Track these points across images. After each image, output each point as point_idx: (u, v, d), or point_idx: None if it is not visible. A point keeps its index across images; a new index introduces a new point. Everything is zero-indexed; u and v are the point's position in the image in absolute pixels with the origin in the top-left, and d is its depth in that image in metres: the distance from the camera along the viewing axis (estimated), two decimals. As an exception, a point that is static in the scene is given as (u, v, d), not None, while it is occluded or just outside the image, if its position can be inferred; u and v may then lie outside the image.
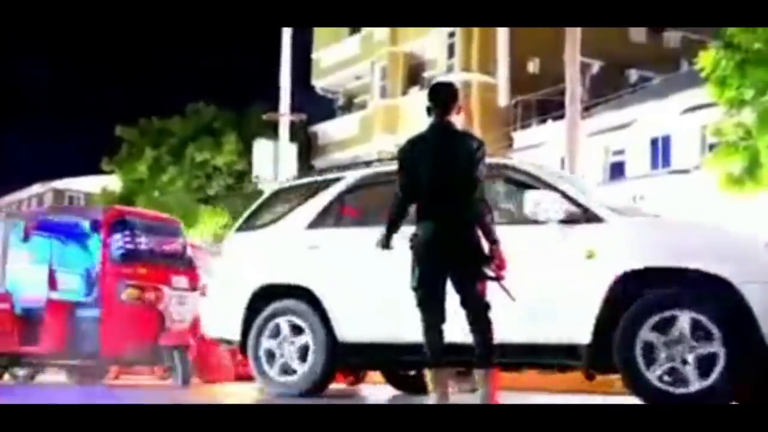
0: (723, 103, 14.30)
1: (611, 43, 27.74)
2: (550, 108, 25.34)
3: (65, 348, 10.44)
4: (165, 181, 30.49)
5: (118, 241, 10.49)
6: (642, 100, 25.46)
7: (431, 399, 5.18)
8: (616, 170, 25.76)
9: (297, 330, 7.16)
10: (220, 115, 31.10)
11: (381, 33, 32.11)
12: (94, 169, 35.40)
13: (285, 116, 21.19)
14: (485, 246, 5.20)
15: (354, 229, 7.14)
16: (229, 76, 63.34)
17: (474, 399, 5.29)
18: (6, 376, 11.96)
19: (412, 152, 5.34)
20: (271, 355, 7.26)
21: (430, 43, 30.34)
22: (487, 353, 5.17)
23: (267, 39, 26.38)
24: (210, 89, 58.55)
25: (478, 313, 5.19)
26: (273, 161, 21.20)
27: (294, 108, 21.61)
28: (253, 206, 8.02)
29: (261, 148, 21.82)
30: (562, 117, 17.04)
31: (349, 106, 36.35)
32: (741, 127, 14.26)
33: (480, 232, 5.19)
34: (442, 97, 5.40)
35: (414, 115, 7.48)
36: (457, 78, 29.31)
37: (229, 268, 7.74)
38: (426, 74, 32.23)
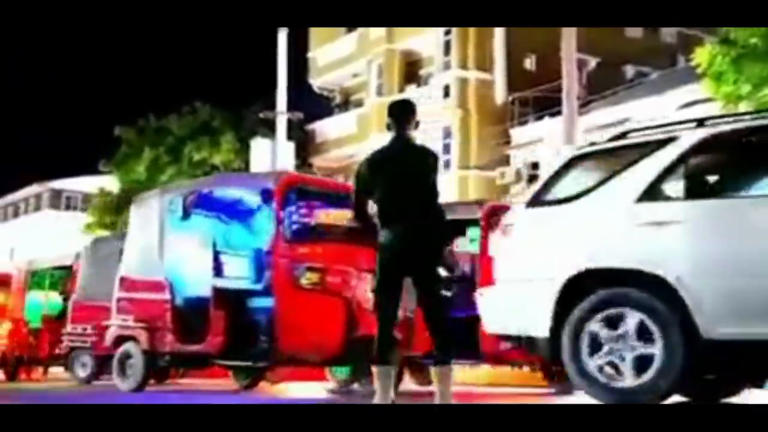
0: (720, 99, 14.30)
1: (607, 40, 27.76)
2: (547, 104, 25.35)
3: (234, 346, 8.77)
4: (163, 181, 30.46)
5: (293, 214, 8.64)
6: (639, 96, 25.47)
7: (376, 396, 5.51)
8: (614, 166, 25.74)
9: (641, 326, 5.62)
10: (217, 114, 31.09)
11: (377, 31, 32.09)
12: (92, 170, 35.40)
13: (282, 114, 21.18)
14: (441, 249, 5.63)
15: (711, 201, 5.74)
16: (225, 75, 63.28)
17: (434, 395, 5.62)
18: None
19: (371, 167, 5.74)
20: (596, 351, 5.74)
21: (426, 41, 30.33)
22: (444, 351, 5.57)
23: (263, 37, 26.34)
24: (206, 88, 58.51)
25: (436, 314, 5.58)
26: (270, 160, 21.20)
27: (291, 106, 21.61)
28: (545, 178, 6.60)
29: (258, 146, 21.83)
30: (559, 113, 17.06)
31: (345, 104, 36.34)
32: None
33: (436, 237, 5.61)
34: (401, 113, 5.79)
35: None
36: (453, 75, 29.39)
37: (524, 250, 6.27)
38: (423, 72, 32.22)
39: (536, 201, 6.39)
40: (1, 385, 13.24)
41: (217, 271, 9.16)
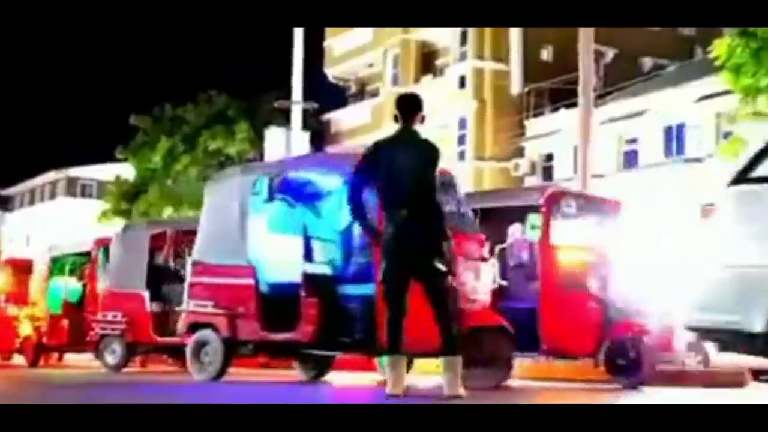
0: (738, 91, 14.19)
1: (625, 31, 27.59)
2: (563, 96, 25.25)
3: (328, 334, 8.19)
4: (178, 170, 30.59)
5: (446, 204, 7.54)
6: (656, 88, 25.34)
7: (389, 386, 5.60)
8: (630, 159, 25.66)
9: None
10: (233, 104, 31.17)
11: (393, 21, 32.10)
12: (108, 157, 35.56)
13: (297, 104, 21.18)
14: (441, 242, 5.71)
15: None
16: (241, 65, 63.41)
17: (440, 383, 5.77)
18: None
19: (377, 154, 5.82)
20: None
21: (442, 31, 30.25)
22: (450, 342, 5.64)
23: (279, 27, 26.37)
24: (222, 77, 58.69)
25: (441, 306, 5.66)
26: (285, 149, 21.21)
27: (306, 96, 21.62)
28: (750, 155, 5.81)
29: (273, 136, 21.85)
30: (575, 105, 16.96)
31: (361, 94, 36.34)
32: (757, 115, 14.16)
33: (436, 230, 5.69)
34: (408, 107, 5.89)
35: (426, 104, 7.19)
36: (469, 65, 29.31)
37: (731, 233, 5.49)
38: (438, 62, 32.17)
39: (743, 178, 5.51)
40: (28, 371, 13.33)
41: (308, 256, 8.70)
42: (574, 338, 8.63)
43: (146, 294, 11.75)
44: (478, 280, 8.11)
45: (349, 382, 9.64)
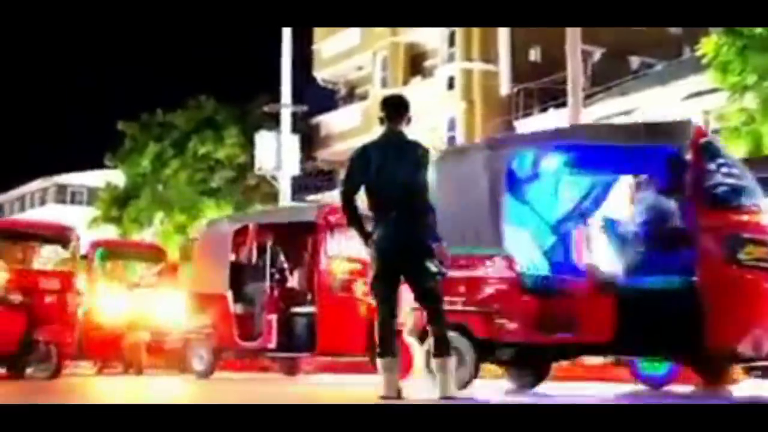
0: (726, 89, 14.27)
1: (612, 30, 27.58)
2: (552, 96, 25.29)
3: (630, 338, 6.91)
4: (168, 175, 30.50)
5: (713, 173, 6.62)
6: (644, 86, 25.39)
7: (383, 388, 5.61)
8: (619, 157, 25.68)
9: None
10: (222, 108, 31.11)
11: (381, 23, 32.10)
12: (97, 164, 35.43)
13: (286, 108, 21.16)
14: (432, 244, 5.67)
15: None
16: (229, 69, 63.28)
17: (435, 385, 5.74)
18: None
19: (364, 157, 5.81)
20: None
21: (430, 33, 30.27)
22: (442, 343, 5.64)
23: (267, 30, 26.35)
24: (211, 82, 58.55)
25: (432, 307, 5.68)
26: (275, 153, 21.19)
27: (295, 99, 21.59)
28: None
29: (263, 140, 21.83)
30: (564, 105, 17.00)
31: (350, 97, 36.31)
32: (744, 113, 14.23)
33: (426, 231, 5.66)
34: (393, 109, 5.87)
35: (415, 106, 7.06)
36: (458, 67, 29.33)
37: None
38: (427, 64, 32.17)
39: None
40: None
41: (590, 248, 7.68)
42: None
43: (229, 295, 11.12)
44: None
45: (348, 383, 9.64)
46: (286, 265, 11.68)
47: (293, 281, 11.60)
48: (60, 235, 11.83)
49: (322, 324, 10.19)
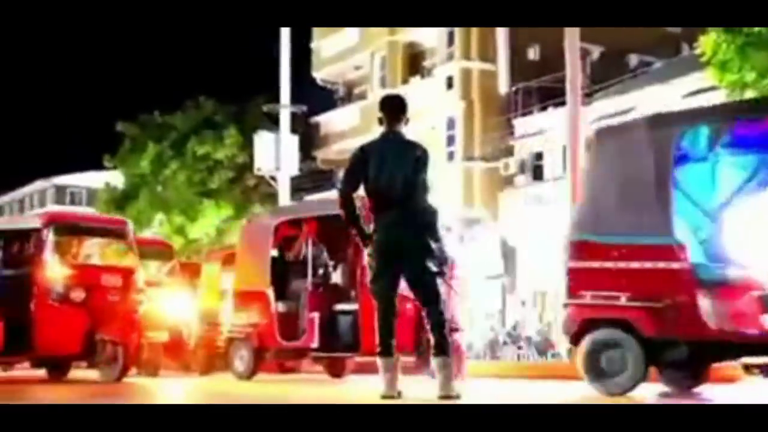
0: (724, 87, 14.26)
1: (611, 29, 27.53)
2: (551, 95, 25.28)
3: None
4: (167, 176, 30.52)
5: None
6: (643, 85, 25.39)
7: (383, 388, 5.64)
8: (618, 156, 25.65)
9: None
10: (221, 109, 31.12)
11: (380, 23, 32.10)
12: (96, 165, 35.43)
13: (285, 108, 21.15)
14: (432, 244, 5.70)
15: None
16: (228, 69, 63.27)
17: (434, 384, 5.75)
18: None
19: (363, 157, 5.83)
20: None
21: (429, 32, 30.25)
22: (442, 343, 5.64)
23: (265, 30, 26.36)
24: (210, 82, 58.59)
25: (432, 307, 5.69)
26: (274, 153, 21.17)
27: (294, 99, 21.58)
28: None
29: (262, 140, 21.80)
30: (563, 104, 17.00)
31: (349, 97, 36.31)
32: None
33: (426, 230, 5.69)
34: (392, 109, 5.92)
35: (414, 105, 7.04)
36: (457, 66, 29.32)
37: None
38: (426, 63, 32.16)
39: None
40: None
41: None
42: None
43: (270, 292, 10.73)
44: None
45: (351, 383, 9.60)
46: (329, 261, 11.18)
47: (337, 277, 11.10)
48: (119, 229, 11.24)
49: (365, 323, 9.28)
